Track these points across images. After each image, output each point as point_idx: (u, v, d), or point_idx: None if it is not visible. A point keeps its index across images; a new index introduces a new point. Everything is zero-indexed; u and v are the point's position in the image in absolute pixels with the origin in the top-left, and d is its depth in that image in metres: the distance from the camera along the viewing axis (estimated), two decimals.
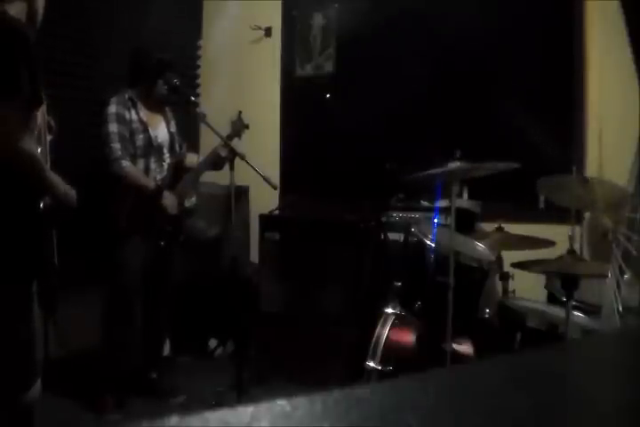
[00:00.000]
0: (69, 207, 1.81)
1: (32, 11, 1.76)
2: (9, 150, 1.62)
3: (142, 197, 2.65)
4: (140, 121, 2.72)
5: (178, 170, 2.83)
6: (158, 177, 2.75)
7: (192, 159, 2.89)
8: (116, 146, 2.62)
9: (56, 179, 1.76)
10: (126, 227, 2.65)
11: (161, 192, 2.69)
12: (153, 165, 2.75)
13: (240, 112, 2.79)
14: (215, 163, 2.73)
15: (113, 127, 2.64)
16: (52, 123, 1.93)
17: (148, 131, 2.74)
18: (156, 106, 2.82)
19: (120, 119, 2.65)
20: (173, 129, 2.90)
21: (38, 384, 1.77)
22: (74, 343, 2.85)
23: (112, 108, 2.66)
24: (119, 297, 2.68)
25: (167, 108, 2.91)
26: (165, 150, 2.82)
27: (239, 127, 2.74)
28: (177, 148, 2.90)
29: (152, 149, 2.75)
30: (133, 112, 2.71)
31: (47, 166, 1.75)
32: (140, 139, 2.70)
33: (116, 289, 2.69)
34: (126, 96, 2.71)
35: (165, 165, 2.81)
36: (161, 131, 2.82)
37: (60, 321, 2.71)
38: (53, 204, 1.77)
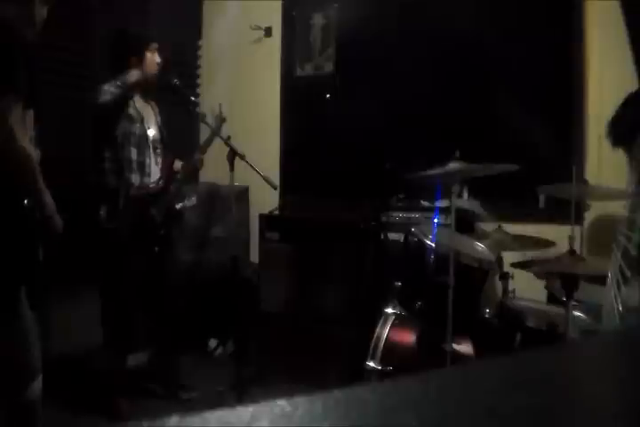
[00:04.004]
0: (54, 232, 1.77)
1: (31, 13, 1.77)
2: (3, 147, 1.60)
3: (135, 203, 2.65)
4: (136, 110, 2.68)
5: (171, 170, 2.80)
6: (152, 172, 2.73)
7: (177, 166, 2.86)
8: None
9: (45, 190, 1.72)
10: (119, 232, 2.63)
11: (146, 202, 2.68)
12: (147, 160, 2.71)
13: (220, 105, 2.75)
14: (191, 173, 2.83)
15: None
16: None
17: (142, 121, 2.70)
18: (145, 98, 2.78)
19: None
20: (161, 123, 2.85)
21: (37, 384, 1.77)
22: (78, 346, 2.86)
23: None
24: (118, 304, 2.68)
25: (154, 103, 2.86)
26: (157, 144, 2.78)
27: (219, 122, 2.73)
28: (166, 142, 2.86)
29: (146, 141, 2.71)
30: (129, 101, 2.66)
31: (38, 169, 1.73)
32: (136, 128, 2.66)
33: (115, 296, 2.67)
34: (118, 83, 2.62)
35: (159, 159, 2.77)
36: (153, 123, 2.79)
37: (63, 323, 2.72)
38: (40, 216, 1.73)
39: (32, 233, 1.74)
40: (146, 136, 2.71)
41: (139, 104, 2.72)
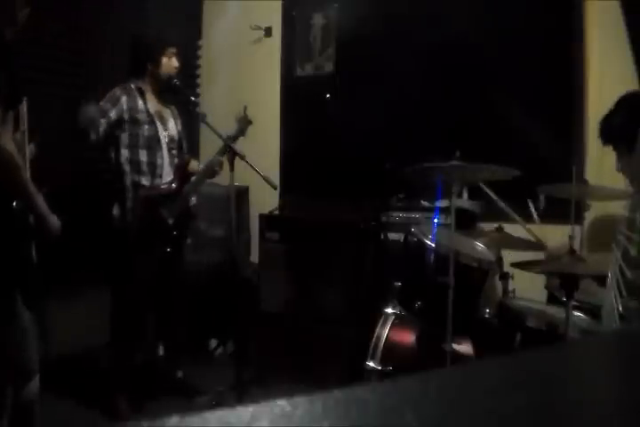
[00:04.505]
0: (48, 231, 1.75)
1: (11, 10, 1.75)
2: None
3: (144, 204, 2.65)
4: (147, 112, 2.69)
5: (185, 172, 2.82)
6: (165, 173, 2.73)
7: (194, 166, 2.88)
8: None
9: (34, 190, 1.70)
10: (129, 233, 2.64)
11: (156, 203, 2.68)
12: (159, 161, 2.72)
13: (245, 107, 2.75)
14: (211, 175, 2.80)
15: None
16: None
17: (154, 123, 2.71)
18: (164, 100, 2.80)
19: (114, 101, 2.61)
20: (180, 127, 2.89)
21: (34, 384, 1.77)
22: (79, 346, 2.86)
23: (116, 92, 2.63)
24: (127, 305, 2.68)
25: (173, 106, 2.89)
26: (173, 146, 2.80)
27: (244, 124, 2.73)
28: (184, 146, 2.89)
29: (158, 142, 2.72)
30: (140, 102, 2.68)
31: (26, 171, 1.71)
32: (145, 129, 2.67)
33: (125, 297, 2.68)
34: (132, 86, 2.68)
35: (174, 161, 2.78)
36: (169, 126, 2.80)
37: (66, 322, 2.71)
38: (34, 223, 1.72)
39: (23, 234, 1.73)
40: (157, 137, 2.71)
41: (151, 105, 2.72)
